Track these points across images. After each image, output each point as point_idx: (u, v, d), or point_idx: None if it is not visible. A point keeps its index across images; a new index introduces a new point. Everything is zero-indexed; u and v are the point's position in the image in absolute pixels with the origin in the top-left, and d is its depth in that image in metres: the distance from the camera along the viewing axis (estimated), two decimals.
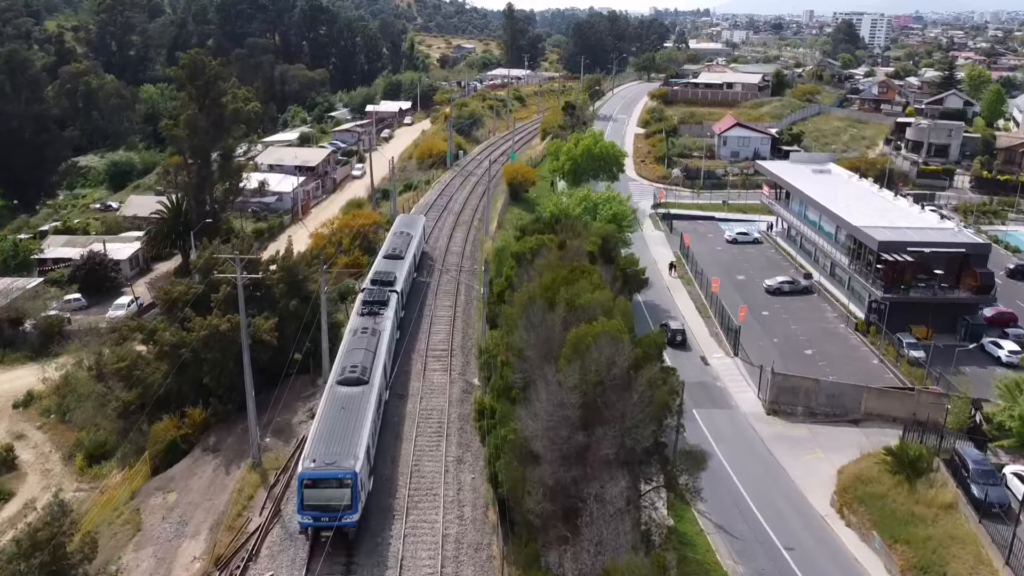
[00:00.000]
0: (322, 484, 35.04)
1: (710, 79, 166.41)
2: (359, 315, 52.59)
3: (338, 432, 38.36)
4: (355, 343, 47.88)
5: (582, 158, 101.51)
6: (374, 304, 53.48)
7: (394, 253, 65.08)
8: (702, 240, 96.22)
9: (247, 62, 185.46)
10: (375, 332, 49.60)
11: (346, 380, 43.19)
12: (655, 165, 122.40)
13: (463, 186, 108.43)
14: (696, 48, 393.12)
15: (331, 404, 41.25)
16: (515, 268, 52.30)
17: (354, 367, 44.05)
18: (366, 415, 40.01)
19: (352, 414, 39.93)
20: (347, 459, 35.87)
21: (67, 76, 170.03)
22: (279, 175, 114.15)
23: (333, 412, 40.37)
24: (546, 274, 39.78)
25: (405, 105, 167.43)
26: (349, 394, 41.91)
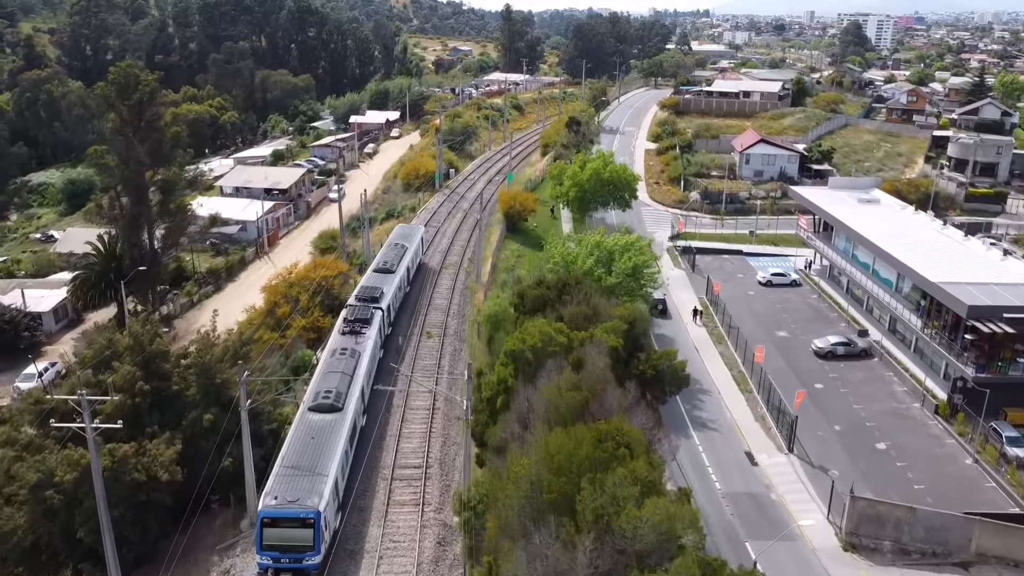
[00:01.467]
0: (283, 523, 32.96)
1: (725, 87, 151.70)
2: (340, 333, 50.11)
3: (304, 465, 35.94)
4: (332, 365, 45.42)
5: (589, 184, 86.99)
6: (355, 323, 50.88)
7: (385, 267, 61.95)
8: (731, 281, 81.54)
9: (224, 68, 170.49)
10: (354, 353, 47.11)
11: (318, 406, 40.67)
12: (670, 187, 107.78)
13: (452, 214, 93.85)
14: (698, 50, 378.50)
15: (300, 432, 38.75)
16: (511, 372, 37.71)
17: (328, 392, 41.49)
18: (336, 446, 37.61)
19: (322, 444, 37.59)
20: (311, 496, 33.66)
21: (27, 84, 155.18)
22: (245, 200, 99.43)
23: (301, 441, 37.93)
24: (558, 440, 25.10)
25: (393, 115, 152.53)
26: (320, 422, 39.43)
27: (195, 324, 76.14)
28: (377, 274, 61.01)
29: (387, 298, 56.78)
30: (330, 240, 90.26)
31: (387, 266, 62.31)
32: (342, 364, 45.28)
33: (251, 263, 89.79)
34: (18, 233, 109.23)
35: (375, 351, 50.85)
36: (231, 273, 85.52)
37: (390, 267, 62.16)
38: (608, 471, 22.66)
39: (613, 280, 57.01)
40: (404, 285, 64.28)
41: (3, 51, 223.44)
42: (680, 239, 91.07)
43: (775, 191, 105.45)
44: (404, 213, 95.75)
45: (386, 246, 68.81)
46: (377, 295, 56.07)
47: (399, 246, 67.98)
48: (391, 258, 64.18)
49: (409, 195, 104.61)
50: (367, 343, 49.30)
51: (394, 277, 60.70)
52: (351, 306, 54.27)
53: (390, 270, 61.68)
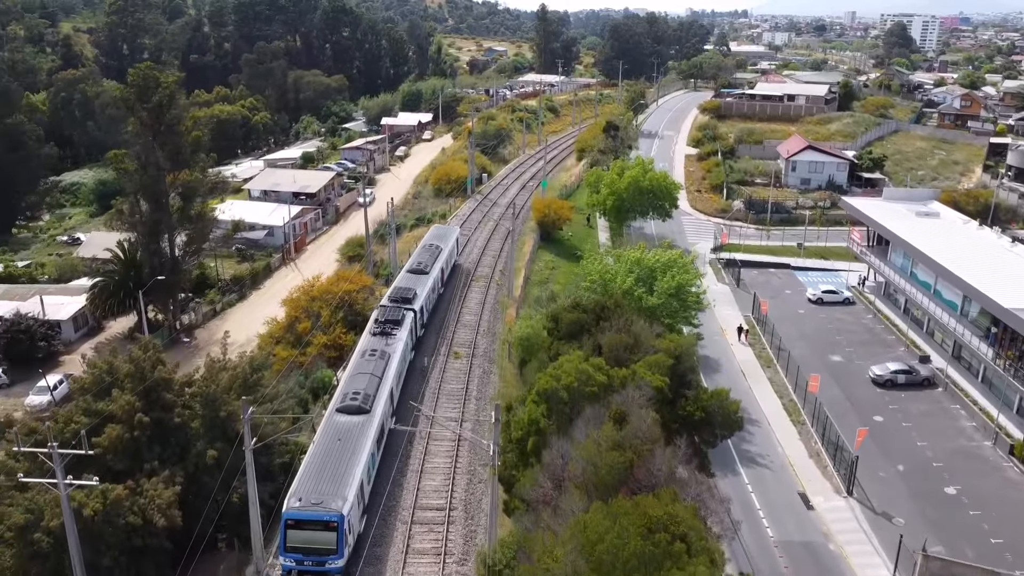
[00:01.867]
0: (306, 525, 32.63)
1: (769, 90, 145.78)
2: (370, 334, 49.47)
3: (330, 466, 35.53)
4: (361, 366, 44.87)
5: (627, 192, 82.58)
6: (387, 324, 50.02)
7: (419, 268, 61.08)
8: (778, 298, 76.59)
9: (256, 68, 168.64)
10: (384, 355, 46.40)
11: (346, 408, 40.15)
12: (712, 195, 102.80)
13: (484, 222, 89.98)
14: (737, 51, 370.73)
15: (327, 434, 38.33)
16: (544, 412, 33.65)
17: (356, 394, 40.96)
18: (363, 449, 37.15)
19: (348, 447, 37.06)
20: (335, 499, 33.21)
21: (62, 83, 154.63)
22: (272, 204, 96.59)
23: (328, 443, 37.46)
24: (598, 522, 20.78)
25: (425, 117, 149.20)
26: (348, 424, 38.97)
27: (216, 334, 73.24)
28: (411, 275, 60.02)
29: (420, 299, 55.86)
30: (357, 247, 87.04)
31: (421, 267, 61.35)
32: (371, 366, 44.68)
33: (276, 270, 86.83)
34: (47, 235, 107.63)
35: (405, 352, 50.18)
36: (255, 280, 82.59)
37: (424, 268, 61.19)
38: (661, 574, 18.59)
39: (655, 301, 52.68)
40: (438, 287, 63.48)
41: (43, 51, 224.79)
42: (723, 251, 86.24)
43: (823, 200, 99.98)
44: (434, 220, 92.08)
45: (420, 247, 67.76)
46: (410, 296, 55.11)
47: (434, 247, 66.81)
48: (425, 259, 63.16)
49: (440, 201, 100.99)
50: (397, 345, 48.54)
51: (427, 278, 59.72)
52: (383, 307, 53.45)
53: (424, 271, 60.75)
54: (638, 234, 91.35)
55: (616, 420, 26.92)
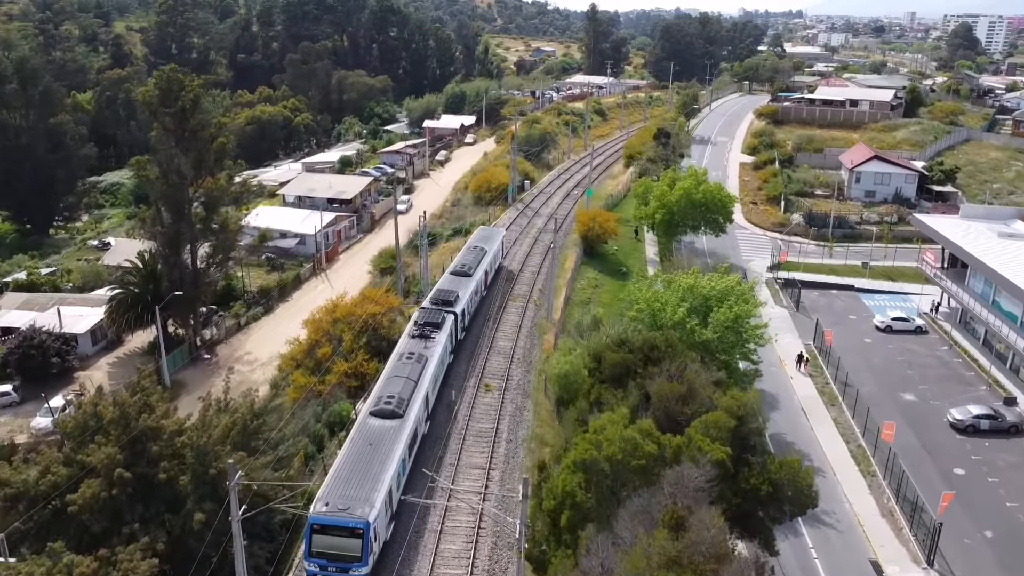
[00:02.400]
0: (332, 531, 31.89)
1: (829, 94, 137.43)
2: (409, 336, 48.58)
3: (359, 471, 34.90)
4: (397, 369, 44.14)
5: (679, 206, 76.66)
6: (426, 326, 48.97)
7: (462, 270, 59.94)
8: (842, 324, 70.00)
9: (300, 68, 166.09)
10: (421, 358, 45.54)
11: (379, 411, 39.52)
12: (768, 207, 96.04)
13: (525, 233, 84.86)
14: (792, 52, 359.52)
15: (359, 437, 37.74)
16: (581, 482, 28.41)
17: (390, 398, 40.27)
18: (394, 454, 36.56)
19: (379, 452, 36.47)
20: (362, 505, 32.51)
21: (107, 83, 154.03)
22: (305, 211, 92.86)
23: (359, 447, 36.85)
24: None
25: (468, 120, 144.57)
26: (380, 428, 38.40)
27: (239, 351, 69.58)
28: (454, 277, 58.99)
29: (461, 302, 54.66)
30: (391, 259, 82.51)
31: (464, 269, 60.21)
32: (407, 369, 43.82)
33: (307, 281, 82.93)
34: (81, 237, 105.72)
35: (444, 356, 49.27)
36: (284, 292, 78.73)
37: (467, 270, 60.02)
38: None
39: (710, 335, 46.92)
40: (481, 289, 62.40)
41: (96, 50, 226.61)
42: (781, 270, 79.74)
43: (890, 215, 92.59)
44: (472, 229, 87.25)
45: (465, 248, 66.90)
46: (451, 299, 53.98)
47: (478, 249, 65.50)
48: (469, 261, 62.00)
49: (479, 209, 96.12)
50: (436, 348, 47.41)
51: (471, 281, 58.54)
52: (424, 309, 52.41)
53: (467, 273, 59.55)
54: (689, 249, 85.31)
55: (672, 525, 21.60)
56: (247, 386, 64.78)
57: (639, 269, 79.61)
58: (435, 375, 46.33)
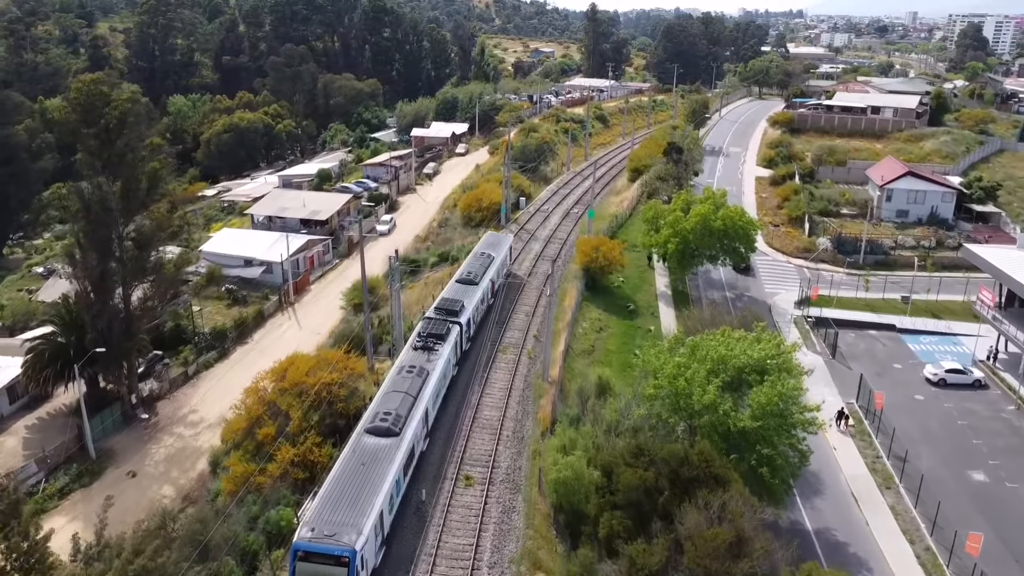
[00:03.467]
0: (316, 559, 29.76)
1: (849, 101, 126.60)
2: (412, 348, 46.20)
3: (349, 494, 32.43)
4: (396, 383, 41.33)
5: (695, 234, 66.22)
6: (429, 338, 46.78)
7: (468, 278, 57.83)
8: (886, 375, 59.69)
9: (283, 72, 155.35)
10: (422, 372, 42.89)
11: (374, 429, 36.87)
12: (790, 229, 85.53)
13: (519, 262, 74.35)
14: (795, 53, 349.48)
15: (351, 457, 35.12)
16: None
17: (386, 414, 37.66)
18: (387, 476, 33.86)
19: (371, 473, 33.81)
20: (349, 532, 30.21)
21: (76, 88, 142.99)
22: (275, 234, 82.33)
23: (351, 467, 34.35)
24: None
25: (460, 128, 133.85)
26: (375, 447, 35.70)
27: (184, 408, 59.01)
28: (459, 285, 56.90)
29: (467, 312, 52.32)
30: (372, 287, 72.46)
31: (470, 277, 58.01)
32: (407, 383, 41.39)
33: (271, 317, 72.46)
34: (27, 263, 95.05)
35: (446, 369, 46.88)
36: (243, 332, 68.25)
37: (473, 279, 57.80)
38: None
39: (749, 423, 36.49)
40: (487, 298, 60.12)
41: (76, 52, 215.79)
42: (810, 305, 69.32)
43: (927, 239, 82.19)
44: (460, 257, 76.87)
45: (472, 255, 64.44)
46: (456, 308, 51.68)
47: (485, 255, 63.07)
48: (475, 269, 59.68)
49: (469, 231, 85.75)
50: (438, 361, 45.05)
51: (476, 290, 56.39)
52: (427, 319, 50.23)
53: (473, 281, 57.38)
54: (705, 280, 74.96)
55: None
56: (188, 455, 54.69)
57: (648, 303, 69.38)
58: (436, 390, 43.90)
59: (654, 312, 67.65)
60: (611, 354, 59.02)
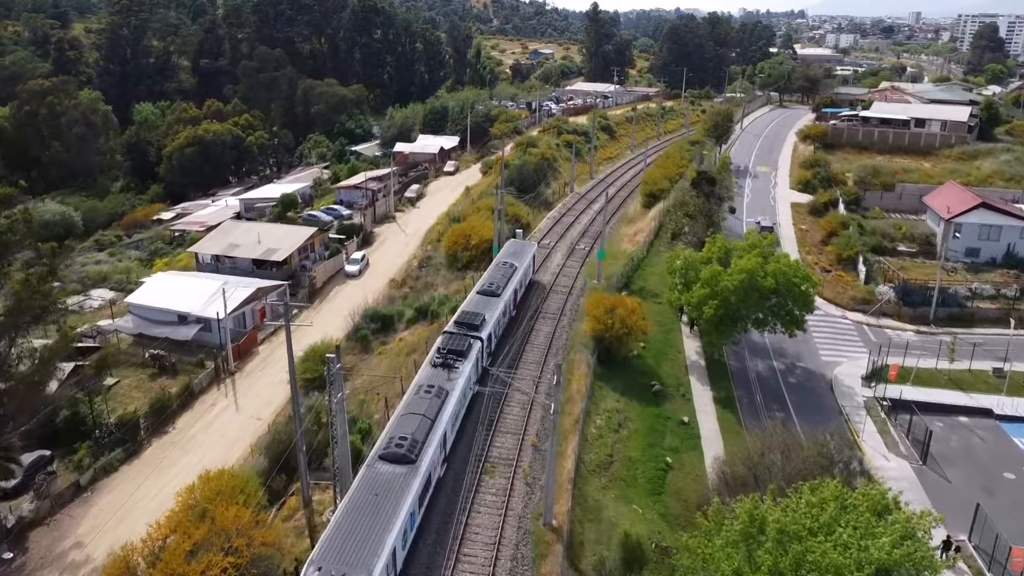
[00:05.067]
0: None
1: (888, 112, 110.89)
2: (431, 365, 42.56)
3: (361, 528, 29.72)
4: (414, 404, 38.14)
5: (738, 293, 51.05)
6: (449, 355, 42.94)
7: (489, 289, 53.58)
8: (998, 490, 44.55)
9: (256, 78, 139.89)
10: (441, 392, 39.55)
11: (389, 455, 33.91)
12: (840, 271, 70.18)
13: (510, 333, 58.91)
14: (803, 54, 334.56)
15: (364, 487, 32.16)
16: None
17: (402, 439, 34.69)
18: (401, 508, 31.12)
19: (385, 504, 31.04)
20: (359, 573, 27.77)
21: (26, 96, 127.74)
22: (220, 279, 67.09)
23: (363, 498, 31.38)
24: None
25: (450, 142, 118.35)
26: (389, 475, 32.86)
27: (66, 540, 43.81)
28: (481, 297, 53.15)
29: (488, 326, 49.31)
30: (330, 351, 57.36)
31: (492, 288, 54.24)
32: (424, 405, 37.71)
33: (204, 393, 57.32)
34: None
35: (467, 388, 43.11)
36: (165, 419, 53.10)
37: (495, 290, 54.09)
38: None
39: None
40: (509, 310, 56.49)
41: (47, 55, 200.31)
42: (879, 379, 54.21)
43: (1008, 286, 67.07)
44: (442, 312, 61.72)
45: (493, 265, 60.17)
46: (477, 322, 48.65)
47: (508, 265, 59.19)
48: (497, 279, 55.89)
49: (454, 275, 70.66)
50: (458, 380, 41.37)
51: (498, 302, 52.91)
52: (447, 333, 47.09)
53: (495, 293, 53.72)
54: (745, 342, 59.62)
55: None
56: None
57: (676, 378, 54.36)
58: (456, 411, 40.94)
59: (686, 393, 52.56)
60: (634, 466, 43.91)
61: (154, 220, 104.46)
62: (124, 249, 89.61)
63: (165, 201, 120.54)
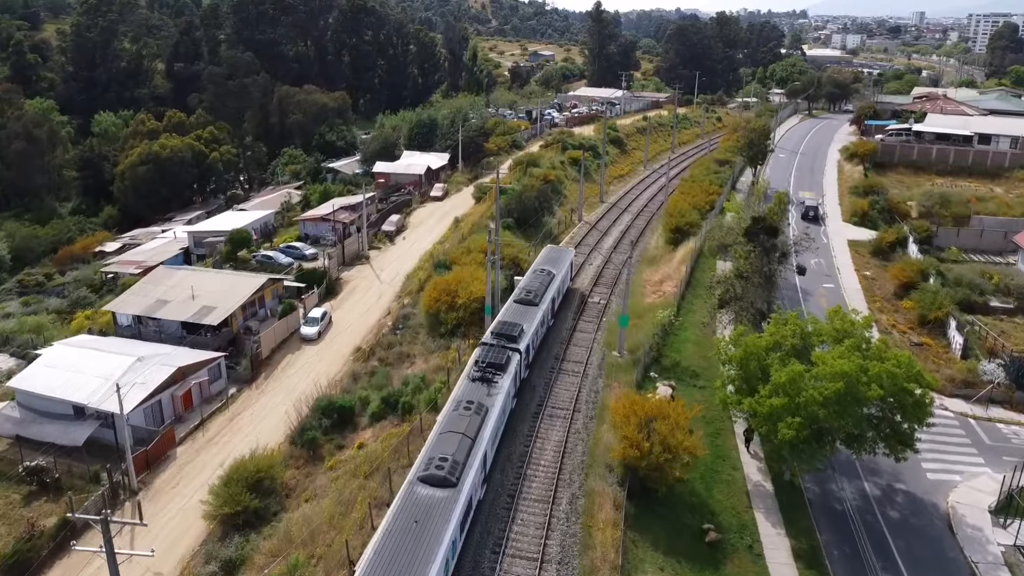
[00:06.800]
0: None
1: (946, 126, 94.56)
2: (469, 379, 39.64)
3: (401, 558, 27.18)
4: (453, 422, 35.15)
5: (830, 403, 35.40)
6: (487, 368, 40.19)
7: (527, 298, 50.19)
8: None
9: (224, 86, 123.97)
10: (481, 409, 36.58)
11: (429, 478, 31.10)
12: (927, 338, 54.60)
13: (511, 434, 43.39)
14: (811, 55, 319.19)
15: (403, 511, 29.57)
16: None
17: (443, 460, 31.77)
18: (443, 536, 28.28)
19: (425, 533, 28.37)
20: None
21: None
22: (131, 355, 51.42)
23: (402, 525, 28.78)
24: None
25: (438, 160, 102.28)
26: (429, 500, 30.17)
27: None
28: (518, 306, 48.92)
29: (526, 337, 44.87)
30: (267, 471, 42.04)
31: (530, 297, 49.94)
32: (464, 423, 34.85)
33: (86, 531, 41.58)
34: None
35: (506, 403, 39.68)
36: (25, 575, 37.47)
37: (533, 299, 49.77)
38: None
39: None
40: (548, 319, 51.84)
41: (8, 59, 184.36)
42: (1020, 514, 38.62)
43: None
44: (416, 405, 46.17)
45: (530, 272, 55.69)
46: (515, 333, 44.33)
47: (545, 272, 54.77)
48: (535, 287, 51.53)
49: (436, 343, 54.97)
50: (498, 396, 38.18)
51: (536, 311, 48.49)
52: (485, 344, 43.12)
53: (533, 302, 49.44)
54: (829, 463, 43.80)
55: None
56: None
57: (736, 514, 38.85)
58: (495, 429, 37.04)
59: (752, 543, 36.95)
60: None
61: (95, 253, 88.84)
62: (45, 296, 73.84)
63: (119, 226, 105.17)
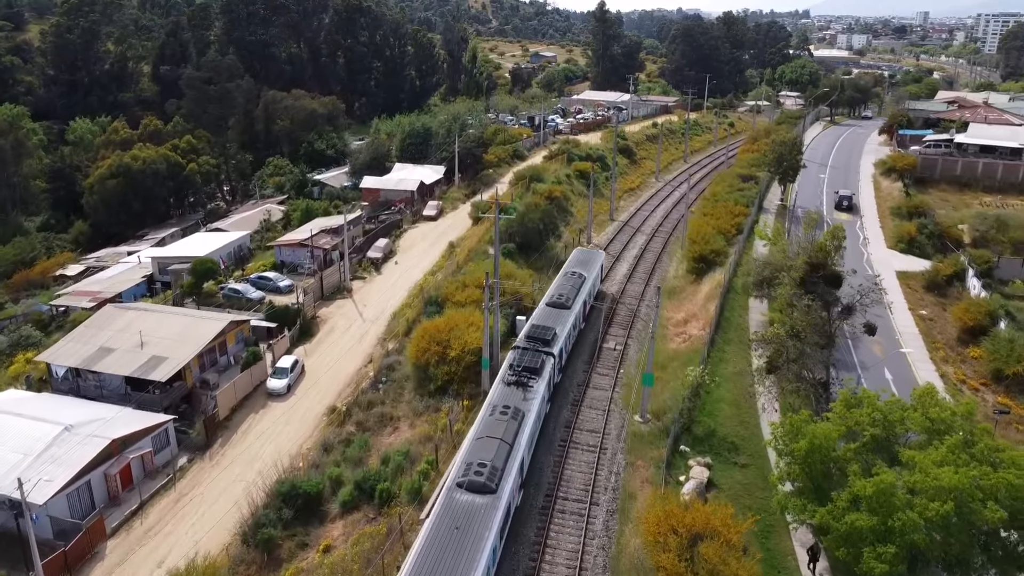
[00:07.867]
0: None
1: (991, 137, 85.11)
2: (504, 384, 38.92)
3: (444, 567, 26.36)
4: (490, 427, 34.39)
5: (933, 527, 26.29)
6: (523, 372, 39.55)
7: (558, 301, 49.39)
8: None
9: (203, 91, 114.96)
10: (518, 414, 35.79)
11: (469, 484, 30.37)
12: (1008, 399, 45.73)
13: (519, 531, 34.56)
14: (819, 56, 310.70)
15: (443, 518, 28.78)
16: None
17: (481, 466, 31.03)
18: (484, 543, 27.43)
19: (466, 540, 27.54)
20: None
21: None
22: (60, 422, 42.59)
23: (443, 532, 28.10)
24: None
25: (432, 173, 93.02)
26: (469, 507, 29.37)
27: None
28: (550, 309, 48.15)
29: (559, 341, 44.00)
30: None
31: (562, 300, 49.18)
32: (502, 428, 34.03)
33: None
34: None
35: (541, 408, 38.80)
36: None
37: (565, 302, 49.01)
38: None
39: None
40: (579, 323, 50.90)
41: None
42: None
43: None
44: (397, 493, 37.42)
45: (561, 275, 54.68)
46: (549, 337, 43.54)
47: (576, 275, 53.81)
48: (567, 291, 50.88)
49: (423, 401, 46.17)
50: (534, 400, 37.58)
51: (569, 315, 47.60)
52: (518, 348, 42.49)
53: (565, 305, 48.64)
54: None
55: None
56: None
57: None
58: (532, 434, 36.35)
59: None
60: None
61: (55, 277, 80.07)
62: None
63: (90, 243, 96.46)
